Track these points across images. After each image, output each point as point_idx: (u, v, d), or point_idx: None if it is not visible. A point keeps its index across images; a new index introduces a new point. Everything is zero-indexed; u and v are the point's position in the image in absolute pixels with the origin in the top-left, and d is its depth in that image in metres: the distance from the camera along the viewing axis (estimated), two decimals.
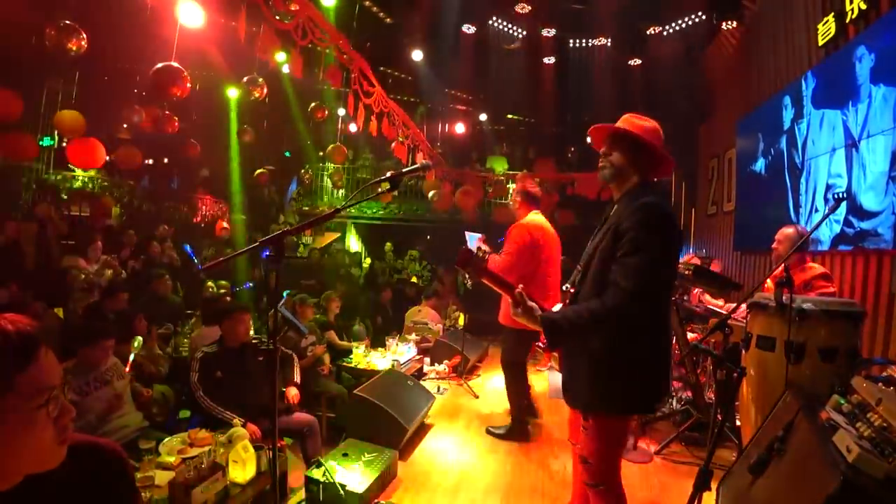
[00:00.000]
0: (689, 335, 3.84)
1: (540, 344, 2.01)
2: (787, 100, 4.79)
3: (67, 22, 3.43)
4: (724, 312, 3.62)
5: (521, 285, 1.73)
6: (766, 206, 5.24)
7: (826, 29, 4.02)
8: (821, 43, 4.13)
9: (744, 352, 2.37)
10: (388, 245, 10.81)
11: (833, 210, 2.22)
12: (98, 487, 1.00)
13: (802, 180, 4.47)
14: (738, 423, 3.16)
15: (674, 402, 3.95)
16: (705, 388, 3.76)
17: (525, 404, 3.82)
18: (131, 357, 2.99)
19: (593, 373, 1.75)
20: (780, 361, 2.09)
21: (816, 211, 4.19)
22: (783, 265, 2.08)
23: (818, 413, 1.65)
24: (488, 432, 3.76)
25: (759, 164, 5.47)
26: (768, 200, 5.21)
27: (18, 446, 0.85)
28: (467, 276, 1.78)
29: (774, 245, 3.23)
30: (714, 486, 2.13)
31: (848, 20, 3.72)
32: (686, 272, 3.18)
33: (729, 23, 6.13)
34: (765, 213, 5.28)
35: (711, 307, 4.01)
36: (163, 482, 2.09)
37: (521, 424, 3.70)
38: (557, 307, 1.86)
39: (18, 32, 5.02)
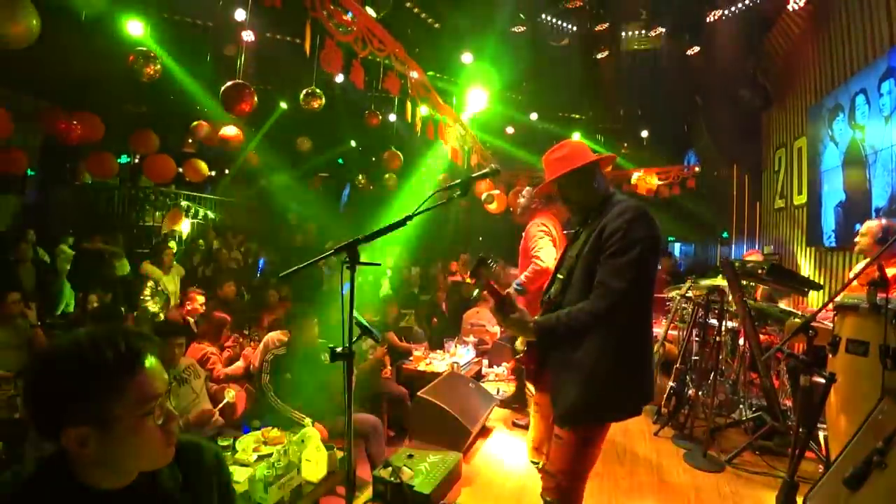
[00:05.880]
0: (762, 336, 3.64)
1: (519, 356, 1.92)
2: (867, 82, 4.43)
3: (145, 48, 3.72)
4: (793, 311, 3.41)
5: (508, 290, 1.73)
6: (844, 197, 4.88)
7: None
8: None
9: (830, 356, 2.21)
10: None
11: None
12: (201, 482, 1.08)
13: (881, 167, 4.13)
14: (819, 432, 2.95)
15: (745, 409, 3.75)
16: (780, 393, 3.54)
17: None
18: (224, 402, 3.11)
19: (583, 381, 1.67)
20: (874, 367, 1.94)
21: None
22: (875, 262, 1.93)
23: None
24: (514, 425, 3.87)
25: (835, 153, 5.09)
26: (846, 191, 4.85)
27: (129, 450, 0.91)
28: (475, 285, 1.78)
29: (857, 238, 3.01)
30: (799, 500, 2.01)
31: None
32: (759, 271, 3.01)
33: (795, 2, 5.73)
34: (843, 206, 4.91)
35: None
36: (241, 478, 2.21)
37: (521, 392, 4.15)
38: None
39: (98, 59, 5.43)
